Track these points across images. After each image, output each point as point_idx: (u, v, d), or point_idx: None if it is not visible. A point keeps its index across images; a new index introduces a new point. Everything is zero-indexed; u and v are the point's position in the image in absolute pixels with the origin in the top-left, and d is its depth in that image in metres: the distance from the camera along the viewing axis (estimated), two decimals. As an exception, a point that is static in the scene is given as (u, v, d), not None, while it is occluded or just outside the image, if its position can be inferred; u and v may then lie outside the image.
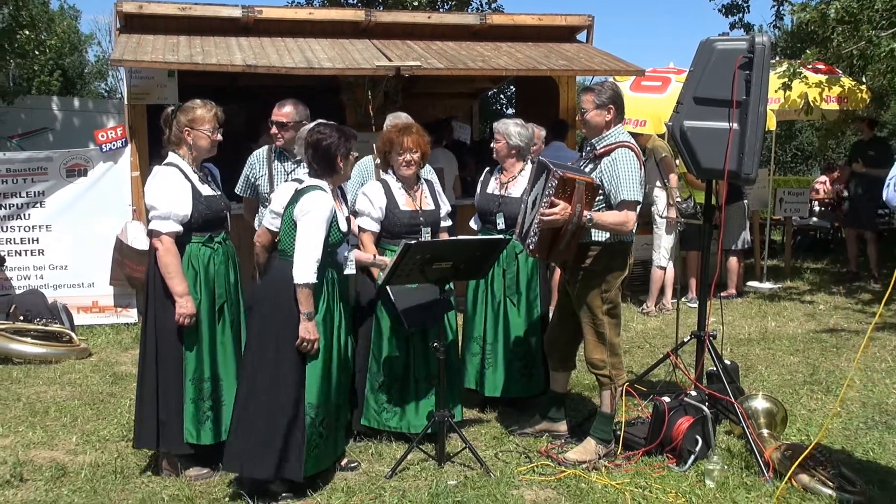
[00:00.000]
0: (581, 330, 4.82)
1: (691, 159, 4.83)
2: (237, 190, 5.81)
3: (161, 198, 4.40)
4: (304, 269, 4.20)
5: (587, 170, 4.72)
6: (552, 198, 4.40)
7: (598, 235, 4.66)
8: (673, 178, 8.93)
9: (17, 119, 12.66)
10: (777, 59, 10.77)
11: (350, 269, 4.69)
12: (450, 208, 5.47)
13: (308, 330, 4.24)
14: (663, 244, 9.05)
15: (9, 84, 14.39)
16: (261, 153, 5.73)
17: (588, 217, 4.44)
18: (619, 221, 4.56)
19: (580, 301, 4.75)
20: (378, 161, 5.37)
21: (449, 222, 5.40)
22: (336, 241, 4.41)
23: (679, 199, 8.97)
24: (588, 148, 4.84)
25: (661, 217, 8.95)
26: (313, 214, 4.25)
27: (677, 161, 8.82)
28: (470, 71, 8.69)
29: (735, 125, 4.68)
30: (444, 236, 5.31)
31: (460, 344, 5.65)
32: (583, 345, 4.86)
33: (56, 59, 20.22)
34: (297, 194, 4.36)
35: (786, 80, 9.39)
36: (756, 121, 4.65)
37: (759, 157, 4.75)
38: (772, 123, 9.60)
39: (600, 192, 4.60)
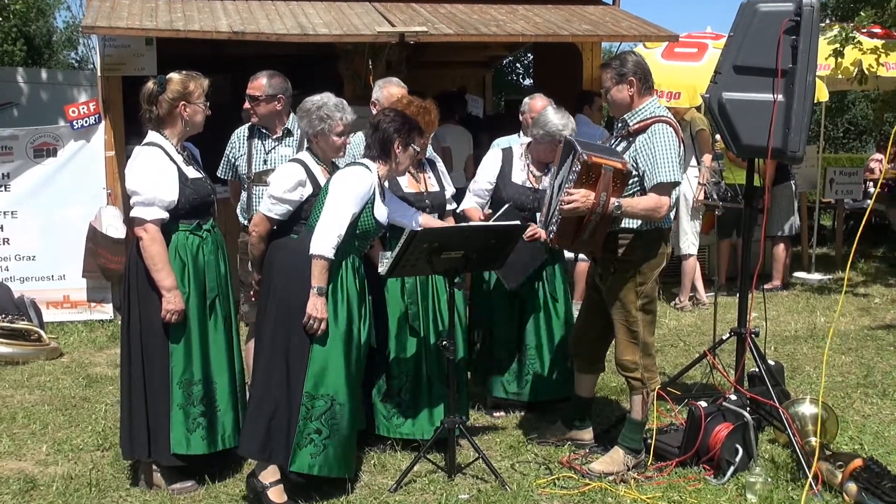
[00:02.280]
0: (611, 327, 4.84)
1: (731, 135, 4.82)
2: (219, 172, 5.77)
3: (144, 182, 4.41)
4: (323, 240, 4.32)
5: (620, 148, 4.72)
6: (573, 184, 4.39)
7: (630, 222, 4.65)
8: (707, 157, 8.91)
9: (-22, 93, 12.69)
10: (827, 22, 10.73)
11: (383, 268, 4.71)
12: (454, 190, 5.47)
13: (316, 307, 4.31)
14: (689, 230, 9.05)
15: (-32, 54, 14.43)
16: (242, 131, 5.71)
17: (616, 205, 4.41)
18: (652, 207, 4.54)
19: (612, 295, 4.75)
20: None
21: (454, 205, 5.41)
22: (366, 229, 4.50)
23: (712, 181, 8.94)
24: (620, 124, 4.83)
25: (694, 200, 8.93)
26: (348, 187, 4.40)
27: (716, 137, 8.81)
28: (482, 37, 8.68)
29: (780, 97, 4.67)
30: (451, 220, 5.33)
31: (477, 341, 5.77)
32: (613, 344, 4.87)
33: (21, 25, 20.26)
34: (338, 169, 4.56)
35: (837, 45, 9.34)
36: (803, 92, 4.63)
37: (807, 133, 4.74)
38: (822, 94, 9.58)
39: (634, 175, 4.60)
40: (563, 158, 4.62)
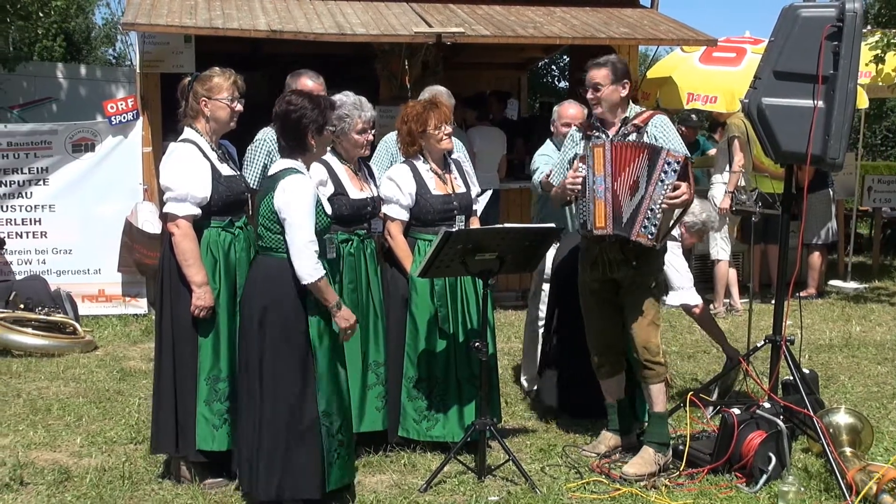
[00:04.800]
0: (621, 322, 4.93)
1: (770, 141, 4.78)
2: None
3: (178, 178, 4.45)
4: (308, 266, 4.13)
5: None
6: (675, 181, 4.57)
7: None
8: (737, 162, 8.79)
9: (19, 87, 12.84)
10: (869, 28, 10.61)
11: (331, 254, 4.66)
12: (479, 190, 5.48)
13: (345, 318, 4.27)
14: (719, 235, 9.01)
15: (8, 49, 14.58)
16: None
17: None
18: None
19: (642, 282, 4.84)
20: (403, 146, 5.26)
21: (478, 205, 5.41)
22: (323, 228, 4.30)
23: (742, 188, 8.82)
24: (620, 123, 4.90)
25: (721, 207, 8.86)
26: (299, 203, 4.15)
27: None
28: (519, 39, 8.69)
29: (820, 103, 4.62)
30: (475, 222, 5.34)
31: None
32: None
33: (60, 21, 20.45)
34: (272, 181, 4.25)
35: (878, 51, 9.25)
36: (844, 98, 4.59)
37: (847, 140, 4.70)
38: (863, 101, 9.48)
39: None
40: (620, 159, 4.68)
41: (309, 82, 5.41)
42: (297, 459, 4.22)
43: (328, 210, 4.40)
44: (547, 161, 5.93)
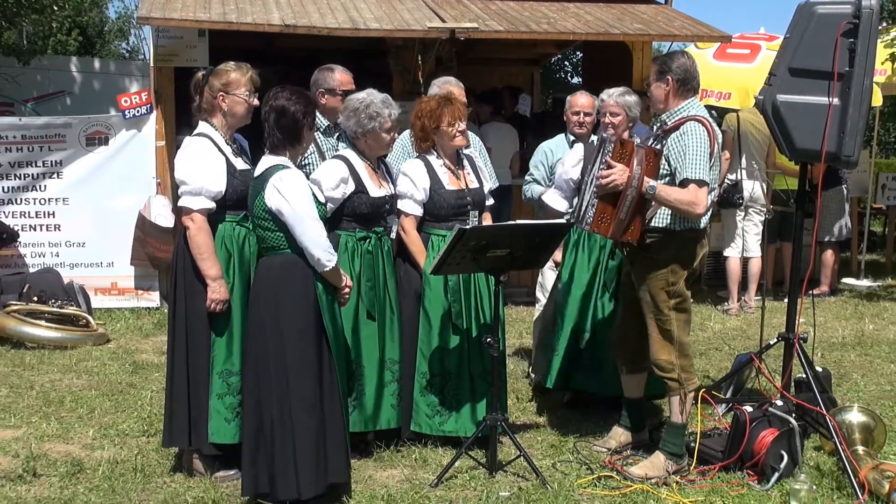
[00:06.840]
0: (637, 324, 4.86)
1: (784, 138, 4.76)
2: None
3: (193, 172, 4.46)
4: (323, 253, 4.19)
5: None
6: (609, 160, 4.46)
7: (661, 221, 4.68)
8: (722, 157, 8.72)
9: (33, 81, 12.90)
10: (885, 25, 10.58)
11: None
12: (492, 185, 5.49)
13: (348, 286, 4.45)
14: (724, 231, 9.08)
15: (23, 43, 14.64)
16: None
17: (650, 184, 4.47)
18: (687, 200, 4.52)
19: (643, 294, 4.75)
20: (416, 141, 5.26)
21: (491, 200, 5.42)
22: (321, 217, 4.31)
23: (727, 183, 8.76)
24: (658, 124, 4.86)
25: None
26: (296, 197, 4.18)
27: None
28: (533, 35, 8.67)
29: (836, 100, 4.61)
30: (487, 217, 5.35)
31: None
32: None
33: (74, 15, 20.52)
34: (261, 181, 4.26)
35: (894, 49, 9.21)
36: (860, 96, 4.57)
37: (862, 138, 4.68)
38: (878, 99, 9.44)
39: (666, 171, 4.64)
40: (595, 155, 4.66)
41: (345, 75, 5.43)
42: (331, 449, 4.26)
43: (321, 199, 4.45)
44: (539, 164, 6.08)
